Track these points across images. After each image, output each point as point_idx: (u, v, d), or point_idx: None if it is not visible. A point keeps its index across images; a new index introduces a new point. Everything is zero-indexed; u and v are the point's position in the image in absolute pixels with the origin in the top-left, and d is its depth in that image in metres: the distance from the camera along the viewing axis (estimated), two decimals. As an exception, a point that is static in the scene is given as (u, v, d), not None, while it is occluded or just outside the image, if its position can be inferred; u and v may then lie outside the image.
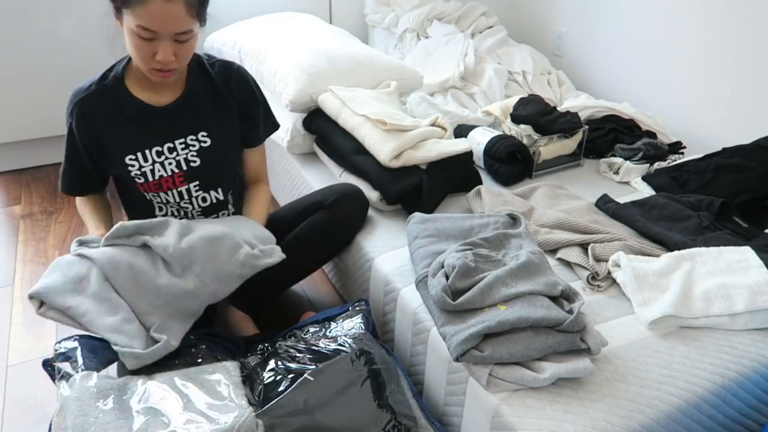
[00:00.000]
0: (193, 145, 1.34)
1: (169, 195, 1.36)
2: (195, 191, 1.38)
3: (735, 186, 1.64)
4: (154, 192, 1.35)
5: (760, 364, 1.17)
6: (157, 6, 1.12)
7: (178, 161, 1.34)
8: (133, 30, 1.15)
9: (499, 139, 1.79)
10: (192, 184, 1.37)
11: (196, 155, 1.35)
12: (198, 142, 1.35)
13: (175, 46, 1.19)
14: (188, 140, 1.34)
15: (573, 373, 1.09)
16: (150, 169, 1.32)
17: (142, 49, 1.18)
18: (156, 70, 1.21)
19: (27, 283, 1.78)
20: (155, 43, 1.17)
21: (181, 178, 1.35)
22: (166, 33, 1.16)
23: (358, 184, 1.70)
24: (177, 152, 1.33)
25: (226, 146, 1.40)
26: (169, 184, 1.35)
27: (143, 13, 1.13)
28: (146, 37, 1.16)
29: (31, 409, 1.37)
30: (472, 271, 1.25)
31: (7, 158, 2.40)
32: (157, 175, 1.33)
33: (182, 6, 1.15)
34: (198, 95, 1.35)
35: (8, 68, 2.21)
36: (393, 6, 2.72)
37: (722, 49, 2.11)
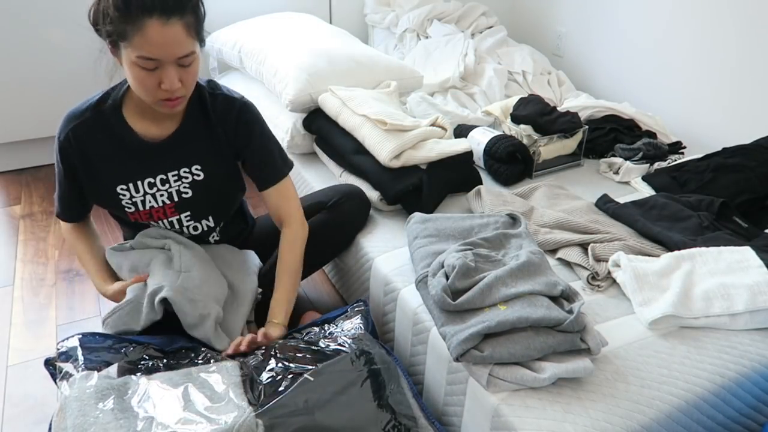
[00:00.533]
0: (186, 178, 1.30)
1: (159, 224, 1.34)
2: (186, 221, 1.35)
3: (735, 186, 1.64)
4: (144, 220, 1.33)
5: (760, 364, 1.17)
6: (156, 31, 1.06)
7: (170, 193, 1.30)
8: (134, 62, 1.09)
9: (499, 139, 1.79)
10: (183, 215, 1.34)
11: (189, 187, 1.31)
12: (191, 174, 1.30)
13: (179, 71, 1.13)
14: (181, 172, 1.30)
15: (573, 373, 1.09)
16: (141, 200, 1.29)
17: (146, 81, 1.12)
18: (164, 101, 1.15)
19: (27, 283, 1.78)
20: (159, 72, 1.11)
21: (172, 209, 1.32)
22: (168, 58, 1.10)
23: (358, 184, 1.70)
24: (169, 184, 1.29)
25: (221, 180, 1.35)
26: (159, 214, 1.32)
27: (142, 42, 1.06)
28: (149, 67, 1.10)
29: (31, 409, 1.37)
30: (472, 271, 1.25)
31: (7, 158, 2.40)
32: (147, 206, 1.29)
33: (180, 27, 1.09)
34: (194, 128, 1.29)
35: (8, 68, 2.21)
36: (393, 6, 2.72)
37: (722, 50, 2.11)
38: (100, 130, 1.23)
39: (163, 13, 1.06)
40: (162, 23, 1.06)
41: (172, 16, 1.07)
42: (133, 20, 1.05)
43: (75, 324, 1.61)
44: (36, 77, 2.26)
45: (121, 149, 1.25)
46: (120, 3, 1.05)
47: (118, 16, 1.05)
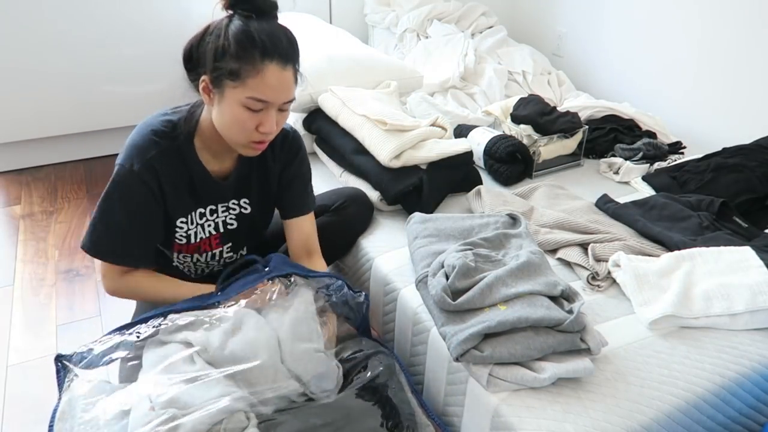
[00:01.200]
0: (234, 210, 1.29)
1: (202, 257, 1.31)
2: (226, 252, 1.34)
3: (735, 186, 1.64)
4: (188, 253, 1.29)
5: (760, 364, 1.17)
6: (275, 75, 1.06)
7: (216, 223, 1.28)
8: (243, 102, 1.07)
9: (499, 139, 1.79)
10: (225, 246, 1.32)
11: (235, 219, 1.30)
12: (239, 207, 1.30)
13: (278, 115, 1.13)
14: (230, 204, 1.29)
15: (573, 373, 1.09)
16: (194, 232, 1.26)
17: (248, 122, 1.10)
18: (255, 143, 1.14)
19: (27, 283, 1.78)
20: (261, 114, 1.10)
21: (217, 240, 1.30)
22: (277, 102, 1.10)
23: (358, 185, 1.70)
24: (217, 214, 1.28)
25: (264, 212, 1.36)
26: (206, 246, 1.29)
27: (258, 84, 1.06)
28: (256, 108, 1.09)
29: (31, 408, 1.37)
30: (472, 271, 1.25)
31: (7, 158, 2.40)
32: (198, 237, 1.27)
33: (292, 74, 1.10)
34: (250, 162, 1.28)
35: (8, 68, 2.21)
36: (393, 6, 2.72)
37: (722, 50, 2.11)
38: (175, 161, 1.18)
39: (282, 59, 1.07)
40: (280, 69, 1.07)
41: (288, 63, 1.08)
42: (255, 63, 1.05)
43: (75, 324, 1.61)
44: (36, 77, 2.26)
45: (189, 182, 1.21)
46: (247, 44, 1.05)
47: (241, 56, 1.05)
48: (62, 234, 2.01)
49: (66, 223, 2.07)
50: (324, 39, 2.13)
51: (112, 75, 2.35)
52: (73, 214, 2.12)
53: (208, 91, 1.11)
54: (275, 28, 1.09)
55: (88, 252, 1.17)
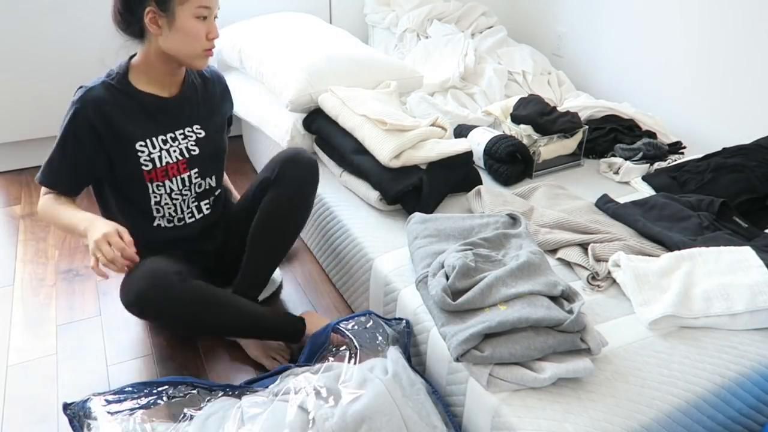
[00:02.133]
0: (191, 136, 1.46)
1: (173, 182, 1.44)
2: (195, 178, 1.48)
3: (735, 186, 1.64)
4: (160, 181, 1.42)
5: (760, 364, 1.17)
6: None
7: (180, 149, 1.44)
8: (195, 14, 1.29)
9: (499, 139, 1.79)
10: (192, 171, 1.47)
11: (195, 144, 1.46)
12: (194, 133, 1.47)
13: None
14: (186, 131, 1.45)
15: (573, 373, 1.09)
16: (158, 156, 1.40)
17: (201, 32, 1.31)
18: (207, 51, 1.35)
19: (27, 283, 1.78)
20: (207, 22, 1.32)
21: (184, 165, 1.44)
22: (215, 6, 1.34)
23: (359, 185, 1.70)
24: (179, 141, 1.44)
25: (216, 137, 1.52)
26: (174, 170, 1.43)
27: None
28: (204, 15, 1.31)
29: (31, 409, 1.37)
30: (472, 271, 1.25)
31: (7, 158, 2.40)
32: (164, 161, 1.41)
33: None
34: (194, 90, 1.48)
35: (8, 68, 2.21)
36: (393, 6, 2.72)
37: (722, 49, 2.11)
38: (115, 93, 1.36)
39: None
40: None
41: None
42: None
43: (75, 324, 1.61)
44: (36, 77, 2.26)
45: (136, 109, 1.38)
46: None
47: None
48: (62, 234, 2.00)
49: (66, 223, 2.07)
50: (324, 39, 2.13)
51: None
52: (73, 214, 2.12)
53: (155, 21, 1.29)
54: None
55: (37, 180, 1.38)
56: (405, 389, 1.12)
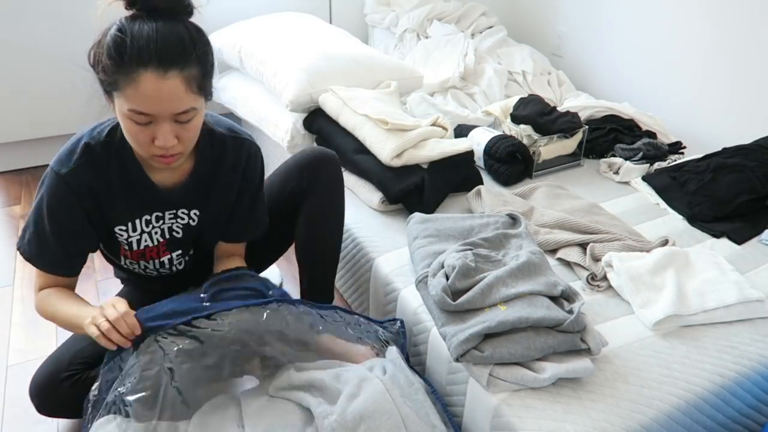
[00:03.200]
0: (182, 219, 1.22)
1: (150, 264, 1.24)
2: (176, 258, 1.27)
3: (735, 186, 1.64)
4: (133, 259, 1.23)
5: (760, 364, 1.17)
6: (150, 84, 0.94)
7: (162, 230, 1.21)
8: (126, 114, 0.98)
9: (499, 139, 1.79)
10: (174, 253, 1.26)
11: (181, 228, 1.23)
12: (188, 217, 1.22)
13: (176, 127, 1.01)
14: (179, 212, 1.21)
15: (573, 373, 1.09)
16: (136, 239, 1.19)
17: (139, 135, 1.00)
18: (158, 157, 1.04)
19: (27, 283, 1.78)
20: (153, 126, 0.99)
21: (164, 247, 1.23)
22: (163, 114, 0.98)
23: (359, 184, 1.70)
24: (163, 221, 1.20)
25: (212, 227, 1.27)
26: (152, 253, 1.23)
27: (134, 95, 0.95)
28: (141, 121, 0.98)
29: (31, 409, 1.37)
30: (472, 271, 1.25)
31: (7, 158, 2.40)
32: (142, 245, 1.20)
33: (179, 82, 0.96)
34: (205, 173, 1.19)
35: (8, 68, 2.21)
36: (393, 6, 2.72)
37: (722, 49, 2.11)
38: (110, 169, 1.11)
39: (161, 65, 0.94)
40: (157, 77, 0.94)
41: (171, 68, 0.95)
42: (127, 71, 0.94)
43: (75, 324, 1.61)
44: (36, 77, 2.26)
45: (129, 189, 1.14)
46: (113, 52, 0.95)
47: (111, 65, 0.95)
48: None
49: (66, 223, 2.07)
50: (324, 39, 2.13)
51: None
52: (73, 214, 2.12)
53: (108, 100, 1.02)
54: (162, 29, 0.96)
55: (23, 254, 1.14)
56: (403, 389, 1.12)
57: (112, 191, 1.12)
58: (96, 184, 1.10)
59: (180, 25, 0.99)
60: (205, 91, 1.03)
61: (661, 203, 1.71)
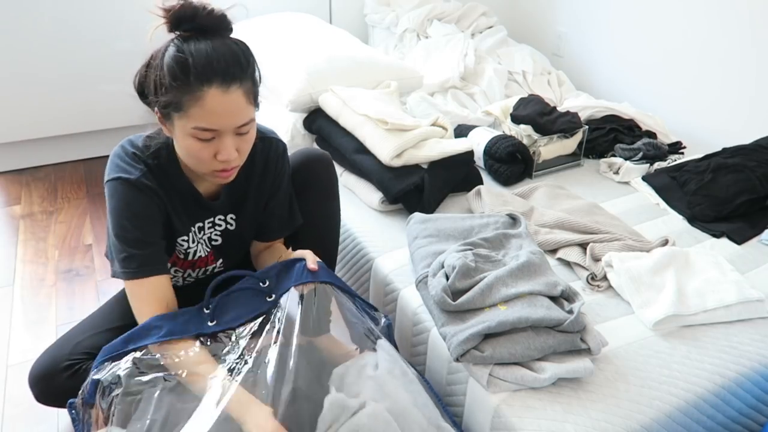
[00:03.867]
0: (219, 225, 1.23)
1: (195, 272, 1.26)
2: (219, 267, 1.30)
3: (735, 186, 1.64)
4: (181, 268, 1.24)
5: (760, 364, 1.17)
6: (216, 101, 0.97)
7: (204, 240, 1.23)
8: (190, 133, 1.00)
9: (499, 139, 1.79)
10: (218, 263, 1.28)
11: (219, 235, 1.24)
12: (225, 223, 1.23)
13: (236, 140, 1.04)
14: (216, 219, 1.22)
15: (573, 373, 1.09)
16: (194, 251, 1.22)
17: (202, 153, 1.02)
18: (218, 171, 1.06)
19: (27, 283, 1.78)
20: (215, 142, 1.02)
21: (212, 257, 1.26)
22: (227, 128, 1.01)
23: (359, 184, 1.70)
24: (204, 231, 1.22)
25: (248, 230, 1.29)
26: (202, 263, 1.25)
27: (200, 113, 0.98)
28: (206, 137, 1.01)
29: (31, 408, 1.37)
30: (472, 272, 1.25)
31: (7, 158, 2.40)
32: (197, 255, 1.23)
33: (241, 95, 1.00)
34: (240, 179, 1.19)
35: (8, 68, 2.21)
36: (393, 6, 2.72)
37: (723, 50, 2.11)
38: (164, 176, 1.12)
39: (224, 81, 0.98)
40: (222, 92, 0.98)
41: (232, 83, 0.99)
42: (192, 90, 0.97)
43: (75, 324, 1.61)
44: (36, 77, 2.26)
45: (180, 201, 1.16)
46: (178, 72, 0.97)
47: (176, 87, 0.97)
48: (62, 234, 2.01)
49: (66, 223, 2.07)
50: (324, 39, 2.13)
51: (112, 75, 2.35)
52: (73, 214, 2.12)
53: (163, 122, 1.05)
54: (217, 47, 0.99)
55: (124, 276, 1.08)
56: (398, 378, 1.10)
57: (172, 203, 1.14)
58: (161, 193, 1.11)
59: (230, 41, 1.03)
60: (256, 100, 1.07)
61: (661, 203, 1.71)
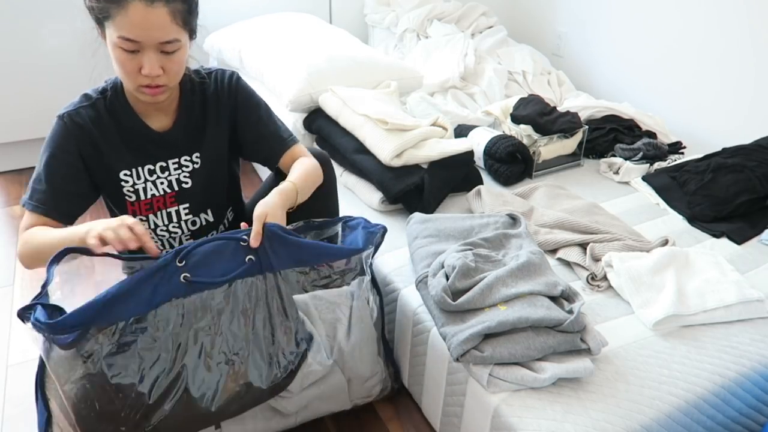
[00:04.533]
0: (186, 166, 1.29)
1: (158, 217, 1.30)
2: (185, 215, 1.32)
3: (735, 186, 1.64)
4: (144, 214, 1.29)
5: (760, 364, 1.17)
6: (138, 12, 1.05)
7: (170, 181, 1.28)
8: (116, 42, 1.07)
9: (499, 139, 1.79)
10: (182, 206, 1.31)
11: (188, 177, 1.29)
12: (191, 163, 1.29)
13: (161, 58, 1.10)
14: (182, 160, 1.28)
15: (573, 373, 1.09)
16: (142, 187, 1.26)
17: (127, 64, 1.09)
18: (144, 87, 1.12)
19: (27, 283, 1.78)
20: (140, 55, 1.09)
21: (172, 198, 1.29)
22: (149, 42, 1.07)
23: (360, 185, 1.70)
24: (169, 172, 1.28)
25: (217, 167, 1.33)
26: (159, 204, 1.29)
27: (124, 21, 1.05)
28: (129, 48, 1.07)
29: (31, 408, 1.36)
30: (472, 272, 1.25)
31: (7, 158, 2.40)
32: (149, 194, 1.27)
33: (166, 12, 1.07)
34: (194, 115, 1.28)
35: (8, 68, 2.21)
36: (393, 6, 2.72)
37: (723, 49, 2.11)
38: (106, 115, 1.21)
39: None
40: (145, 5, 1.05)
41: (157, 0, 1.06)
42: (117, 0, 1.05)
43: (75, 324, 1.61)
44: (36, 77, 2.26)
45: (126, 135, 1.23)
46: None
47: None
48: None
49: (66, 223, 2.07)
50: (324, 39, 2.13)
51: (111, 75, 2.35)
52: (73, 214, 2.12)
53: (101, 34, 1.12)
54: None
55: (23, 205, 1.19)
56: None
57: (111, 136, 1.21)
58: (95, 127, 1.19)
59: None
60: (189, 26, 1.13)
61: (661, 203, 1.71)
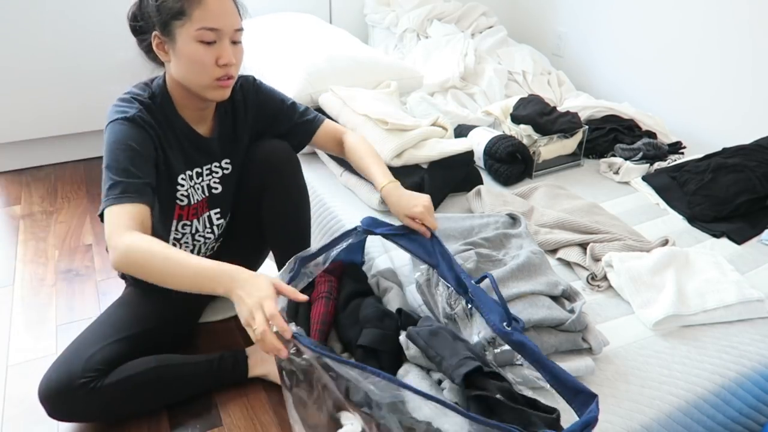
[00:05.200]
0: (216, 172, 1.32)
1: (200, 222, 1.33)
2: (216, 219, 1.36)
3: (735, 186, 1.64)
4: (189, 219, 1.30)
5: (760, 364, 1.17)
6: (215, 1, 1.11)
7: (203, 187, 1.31)
8: (195, 36, 1.10)
9: (499, 139, 1.79)
10: (213, 211, 1.35)
11: (219, 182, 1.32)
12: (221, 169, 1.32)
13: (232, 48, 1.16)
14: (213, 167, 1.31)
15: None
16: (190, 193, 1.27)
17: (206, 57, 1.12)
18: (218, 80, 1.15)
19: (27, 283, 1.77)
20: (216, 46, 1.13)
21: (205, 204, 1.32)
22: (228, 29, 1.13)
23: (359, 185, 1.70)
24: (203, 178, 1.30)
25: (240, 171, 1.36)
26: (201, 209, 1.31)
27: (203, 14, 1.10)
28: (209, 39, 1.11)
29: (31, 408, 1.36)
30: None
31: (7, 158, 2.40)
32: (194, 199, 1.28)
33: (233, 2, 1.17)
34: (227, 122, 1.31)
35: (9, 68, 2.21)
36: (393, 6, 2.72)
37: (722, 49, 2.11)
38: (160, 115, 1.21)
39: None
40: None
41: None
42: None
43: (75, 324, 1.61)
44: (36, 77, 2.26)
45: (176, 140, 1.23)
46: None
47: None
48: (62, 234, 2.00)
49: (66, 223, 2.07)
50: (324, 39, 2.13)
51: (112, 75, 2.35)
52: (73, 214, 2.12)
53: (161, 45, 1.15)
54: None
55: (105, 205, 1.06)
56: None
57: (173, 139, 1.22)
58: (160, 129, 1.19)
59: None
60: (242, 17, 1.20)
61: (661, 203, 1.71)
